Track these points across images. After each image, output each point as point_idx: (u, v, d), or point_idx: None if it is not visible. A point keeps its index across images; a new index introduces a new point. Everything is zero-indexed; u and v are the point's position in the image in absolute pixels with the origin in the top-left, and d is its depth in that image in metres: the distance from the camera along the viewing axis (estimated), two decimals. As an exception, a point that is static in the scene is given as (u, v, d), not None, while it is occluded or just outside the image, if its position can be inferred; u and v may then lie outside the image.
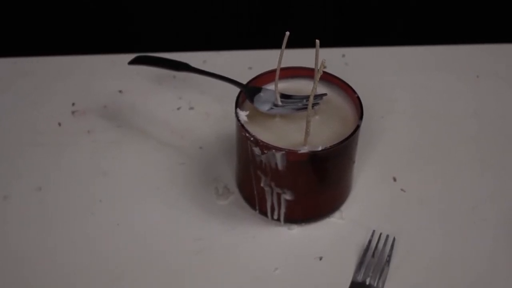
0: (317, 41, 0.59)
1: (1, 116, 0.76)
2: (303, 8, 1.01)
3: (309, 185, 0.62)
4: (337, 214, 0.66)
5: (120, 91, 0.80)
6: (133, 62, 0.71)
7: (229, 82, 0.65)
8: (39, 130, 0.74)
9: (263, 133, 0.61)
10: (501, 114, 0.78)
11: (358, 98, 0.63)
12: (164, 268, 0.62)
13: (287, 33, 0.59)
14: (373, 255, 0.62)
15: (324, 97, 0.64)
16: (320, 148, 0.58)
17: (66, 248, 0.63)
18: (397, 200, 0.68)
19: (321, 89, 0.65)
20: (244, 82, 0.65)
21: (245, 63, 0.81)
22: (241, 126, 0.60)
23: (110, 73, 0.82)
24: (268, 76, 0.65)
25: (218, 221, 0.65)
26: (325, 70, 0.59)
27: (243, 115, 0.61)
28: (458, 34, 0.93)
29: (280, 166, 0.59)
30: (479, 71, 0.83)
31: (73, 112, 0.77)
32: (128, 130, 0.75)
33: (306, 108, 0.60)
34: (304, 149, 0.59)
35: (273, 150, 0.58)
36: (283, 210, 0.63)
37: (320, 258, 0.62)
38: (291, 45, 0.61)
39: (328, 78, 0.65)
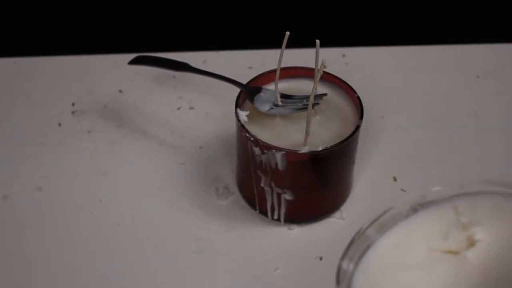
0: (317, 41, 0.59)
1: (1, 116, 0.76)
2: (303, 8, 1.01)
3: (309, 185, 0.62)
4: (337, 214, 0.66)
5: (120, 91, 0.80)
6: (133, 62, 0.71)
7: (229, 82, 0.65)
8: (39, 130, 0.74)
9: (263, 133, 0.61)
10: (501, 114, 0.78)
11: (358, 98, 0.63)
12: (164, 268, 0.61)
13: (287, 33, 0.59)
14: (373, 255, 0.61)
15: (324, 97, 0.64)
16: (320, 148, 0.58)
17: (66, 248, 0.63)
18: (397, 200, 0.68)
19: (321, 89, 0.65)
20: (244, 82, 0.65)
21: (245, 63, 0.81)
22: (241, 126, 0.60)
23: (110, 73, 0.82)
24: (268, 76, 0.65)
25: (218, 221, 0.65)
26: (325, 70, 0.59)
27: (243, 115, 0.61)
28: (458, 34, 0.93)
29: (280, 166, 0.59)
30: (479, 71, 0.83)
31: (73, 112, 0.77)
32: (128, 130, 0.75)
33: (306, 108, 0.60)
34: (304, 149, 0.59)
35: (273, 150, 0.58)
36: (283, 210, 0.63)
37: (320, 258, 0.62)
38: (291, 45, 0.61)
39: (328, 78, 0.65)
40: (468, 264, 0.39)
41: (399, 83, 0.82)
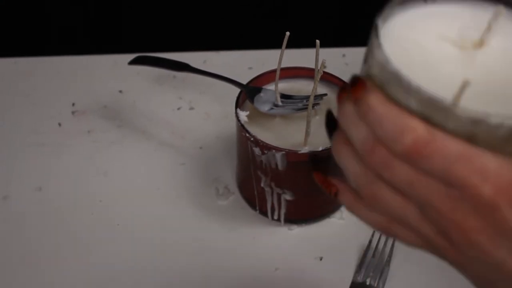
0: (317, 41, 0.59)
1: (1, 116, 0.76)
2: (303, 8, 1.01)
3: (309, 185, 0.62)
4: (337, 214, 0.66)
5: (120, 91, 0.80)
6: (133, 62, 0.71)
7: (229, 82, 0.65)
8: (39, 130, 0.74)
9: (263, 133, 0.61)
10: (501, 114, 0.77)
11: (358, 98, 0.63)
12: (164, 268, 0.61)
13: (287, 33, 0.59)
14: (373, 255, 0.62)
15: (324, 97, 0.64)
16: (320, 148, 0.58)
17: (66, 248, 0.63)
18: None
19: (321, 89, 0.65)
20: (244, 82, 0.65)
21: (245, 63, 0.81)
22: (241, 126, 0.60)
23: (110, 73, 0.82)
24: (268, 76, 0.65)
25: (218, 222, 0.65)
26: (325, 70, 0.59)
27: (243, 115, 0.61)
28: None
29: (280, 167, 0.59)
30: (479, 71, 0.83)
31: (73, 112, 0.77)
32: (128, 130, 0.75)
33: (306, 108, 0.60)
34: (304, 150, 0.59)
35: (273, 151, 0.58)
36: (283, 210, 0.63)
37: (321, 258, 0.62)
38: (291, 45, 0.61)
39: (328, 78, 0.65)
40: (471, 61, 0.39)
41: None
